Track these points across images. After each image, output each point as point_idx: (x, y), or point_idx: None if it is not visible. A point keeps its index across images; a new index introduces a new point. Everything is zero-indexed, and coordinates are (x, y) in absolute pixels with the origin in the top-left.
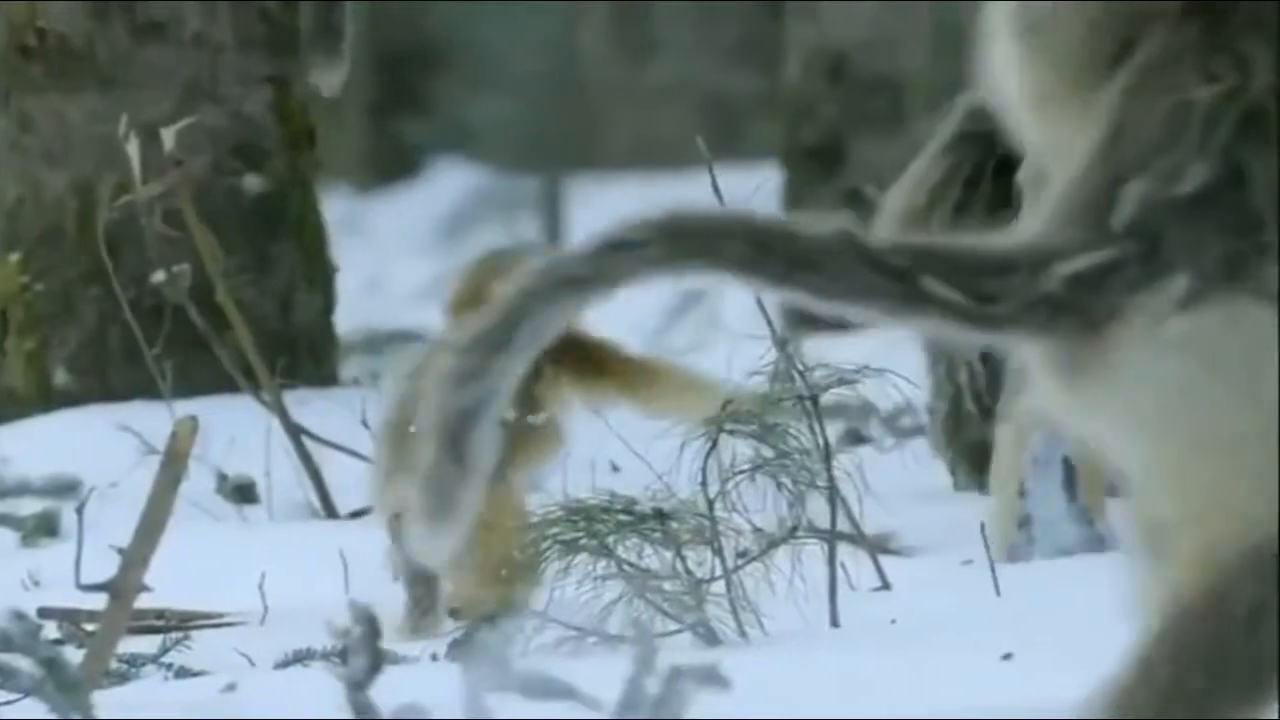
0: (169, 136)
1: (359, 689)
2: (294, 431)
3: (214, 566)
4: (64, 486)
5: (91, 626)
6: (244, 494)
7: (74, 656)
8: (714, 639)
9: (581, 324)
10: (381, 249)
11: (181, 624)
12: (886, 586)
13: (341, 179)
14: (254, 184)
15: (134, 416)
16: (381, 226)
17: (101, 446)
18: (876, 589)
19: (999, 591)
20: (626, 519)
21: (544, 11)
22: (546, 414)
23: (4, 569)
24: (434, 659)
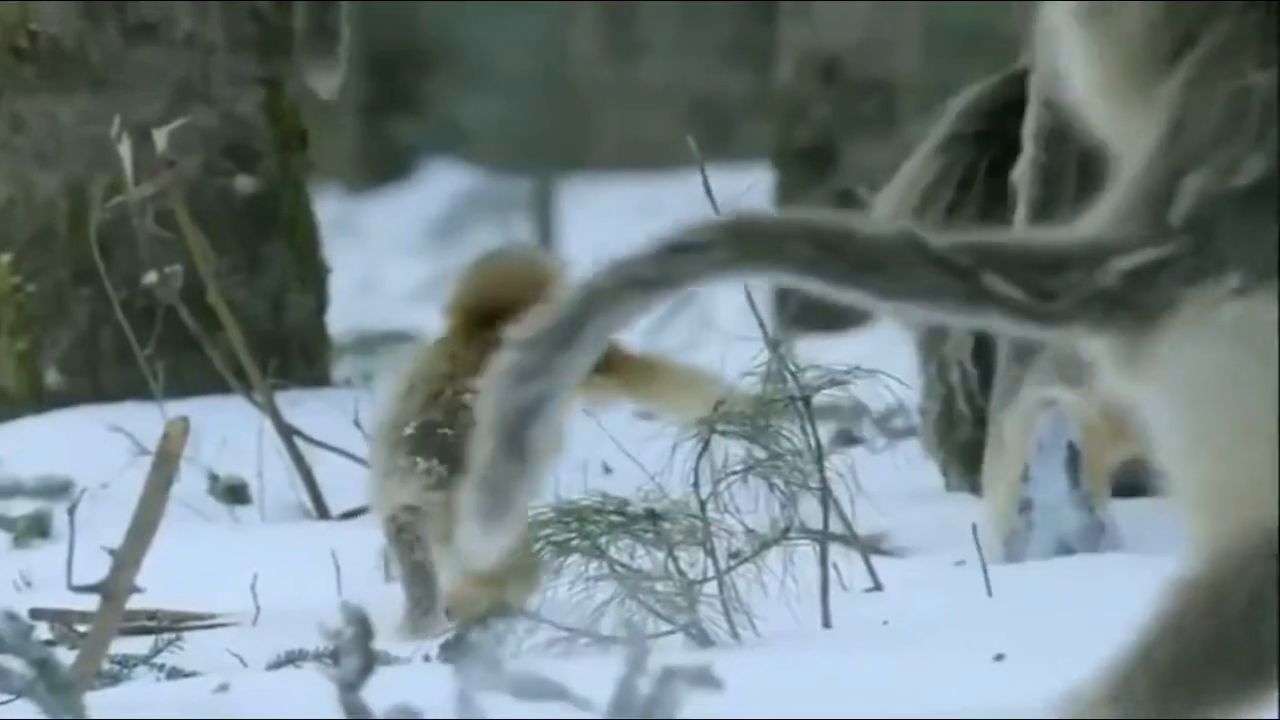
0: (161, 137)
1: (351, 690)
2: (286, 432)
3: (206, 567)
4: (56, 487)
5: (83, 627)
6: (236, 495)
7: (66, 657)
8: (706, 640)
9: None
10: (374, 250)
11: (173, 625)
12: (879, 587)
13: (333, 180)
14: (246, 185)
15: (126, 417)
16: (373, 227)
17: (93, 447)
18: (869, 590)
19: (991, 592)
20: (619, 520)
21: (534, 12)
22: None
23: None
24: (426, 660)
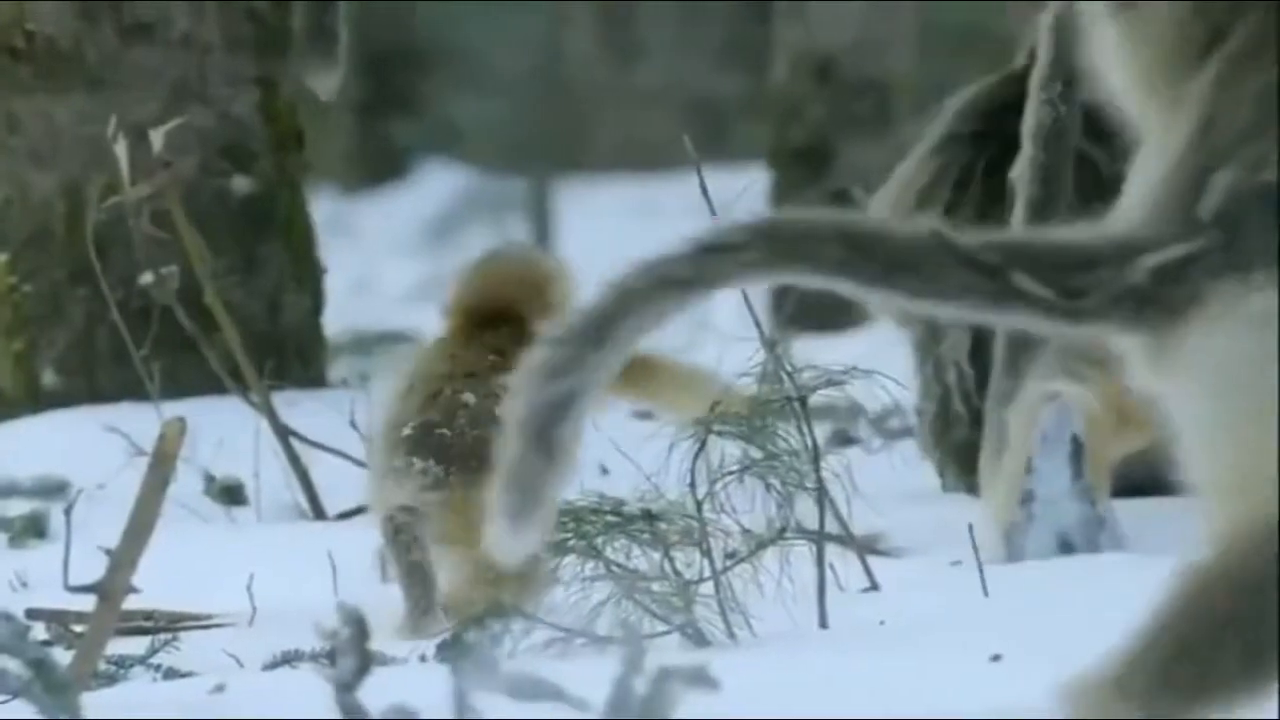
0: (157, 137)
1: (347, 690)
2: (282, 433)
3: (202, 568)
4: (52, 487)
5: (80, 628)
6: (232, 495)
7: (62, 658)
8: (702, 640)
9: None
10: (369, 250)
11: (170, 625)
12: (875, 587)
13: (329, 180)
14: (242, 185)
15: (122, 418)
16: (369, 227)
17: (89, 447)
18: (865, 590)
19: (987, 592)
20: (615, 520)
21: (530, 12)
22: None
23: None
24: (422, 660)
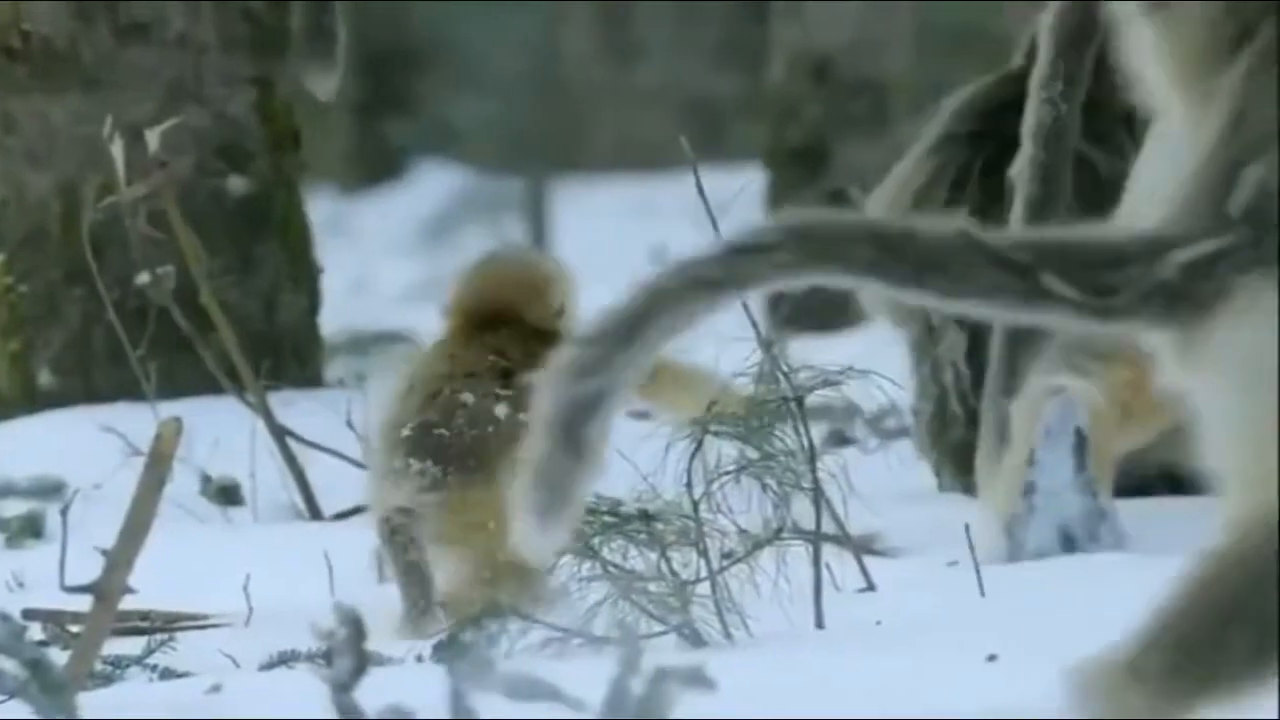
0: (153, 137)
1: (344, 690)
2: (278, 433)
3: (198, 568)
4: (48, 488)
5: (76, 628)
6: (228, 495)
7: (59, 658)
8: (699, 640)
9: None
10: (366, 250)
11: (166, 625)
12: (871, 588)
13: (326, 180)
14: (238, 185)
15: (118, 418)
16: (366, 227)
17: (86, 448)
18: (861, 590)
19: (984, 592)
20: (611, 520)
21: (527, 12)
22: None
23: None
24: (419, 660)
